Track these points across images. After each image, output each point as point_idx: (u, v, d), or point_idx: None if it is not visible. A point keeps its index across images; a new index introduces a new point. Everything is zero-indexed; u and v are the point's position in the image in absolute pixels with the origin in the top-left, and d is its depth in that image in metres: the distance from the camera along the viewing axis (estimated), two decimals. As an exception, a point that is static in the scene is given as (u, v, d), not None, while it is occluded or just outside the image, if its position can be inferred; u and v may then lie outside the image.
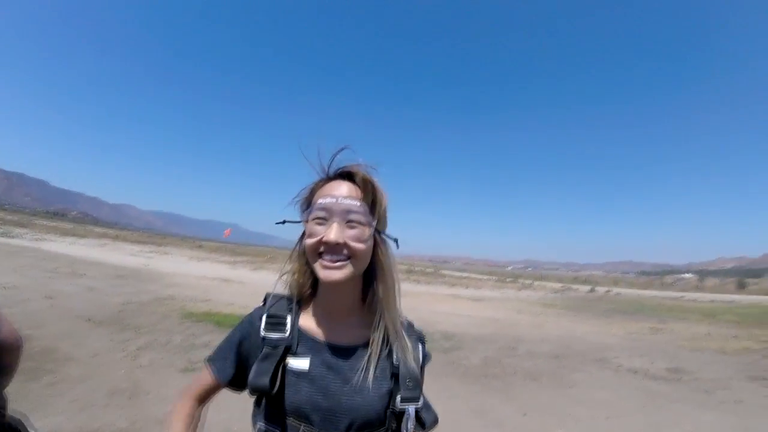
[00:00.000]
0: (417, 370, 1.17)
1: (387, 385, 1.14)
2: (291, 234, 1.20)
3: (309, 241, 1.10)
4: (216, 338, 7.66)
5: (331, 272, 1.07)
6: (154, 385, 5.34)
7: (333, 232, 1.06)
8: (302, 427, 1.08)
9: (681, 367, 8.86)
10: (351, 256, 1.08)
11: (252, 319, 1.20)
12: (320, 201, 1.11)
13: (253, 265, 32.15)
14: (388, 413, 1.12)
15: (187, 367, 6.14)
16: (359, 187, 1.13)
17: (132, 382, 5.35)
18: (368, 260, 1.15)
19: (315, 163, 1.19)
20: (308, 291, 1.25)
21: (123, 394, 4.99)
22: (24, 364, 4.75)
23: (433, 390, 5.41)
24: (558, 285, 48.36)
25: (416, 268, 62.36)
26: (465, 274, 64.28)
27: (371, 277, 1.20)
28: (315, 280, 1.21)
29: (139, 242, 48.12)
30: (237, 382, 1.19)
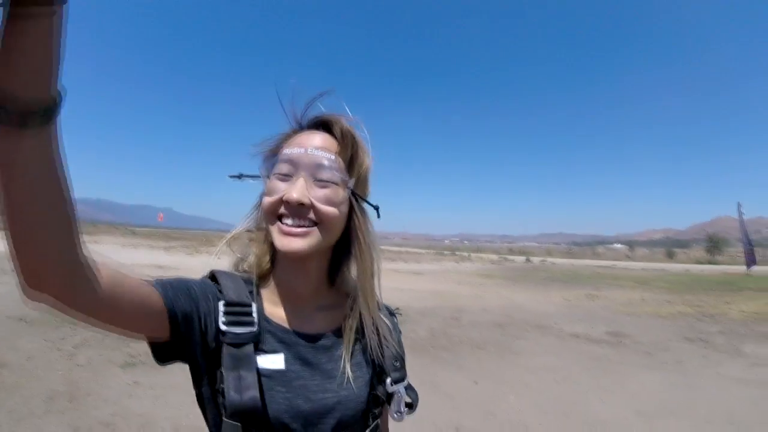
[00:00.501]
0: (399, 348, 1.04)
1: (369, 371, 0.98)
2: (229, 216, 0.99)
3: (267, 200, 0.89)
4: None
5: (290, 240, 0.85)
6: (95, 385, 5.09)
7: (297, 190, 0.84)
8: None
9: (620, 331, 9.30)
10: (318, 221, 0.87)
11: (207, 292, 0.89)
12: (286, 151, 0.90)
13: (189, 250, 31.16)
14: (370, 399, 0.96)
15: (127, 361, 5.90)
16: (337, 139, 0.93)
17: (71, 384, 5.07)
18: (340, 228, 0.94)
19: (288, 111, 0.97)
20: (267, 266, 0.99)
21: (62, 397, 4.71)
22: (-47, 375, 4.36)
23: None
24: (495, 256, 49.33)
25: (355, 244, 63.57)
26: (404, 249, 64.69)
27: (341, 249, 1.00)
28: (275, 252, 0.97)
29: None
30: (173, 321, 0.80)
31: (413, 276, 21.16)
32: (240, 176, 0.97)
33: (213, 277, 0.94)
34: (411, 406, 1.04)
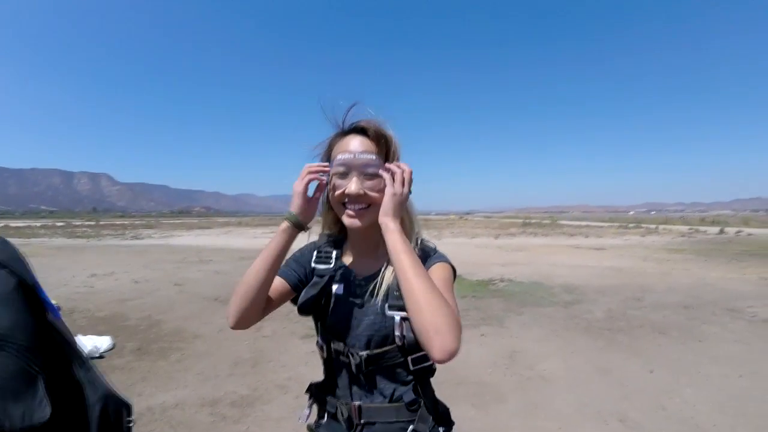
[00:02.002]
0: None
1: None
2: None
3: (335, 194, 1.28)
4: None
5: (354, 220, 1.27)
6: (276, 353, 5.65)
7: (353, 185, 1.23)
8: (333, 343, 1.33)
9: (823, 320, 7.80)
10: (370, 203, 1.26)
11: (307, 249, 1.46)
12: (339, 157, 1.25)
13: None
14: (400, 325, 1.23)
15: (308, 333, 6.39)
16: (372, 140, 1.28)
17: (255, 352, 5.68)
18: None
19: (330, 118, 1.34)
20: (342, 232, 1.48)
21: (246, 363, 5.30)
22: (154, 345, 5.24)
23: (554, 346, 5.19)
24: (685, 228, 43.93)
25: (532, 221, 60.70)
26: (584, 223, 60.73)
27: None
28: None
29: (260, 225, 51.07)
30: (294, 286, 1.39)
31: (594, 252, 19.88)
32: (328, 182, 1.35)
33: (321, 237, 1.48)
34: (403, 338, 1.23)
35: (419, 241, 1.39)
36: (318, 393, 1.43)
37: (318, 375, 1.44)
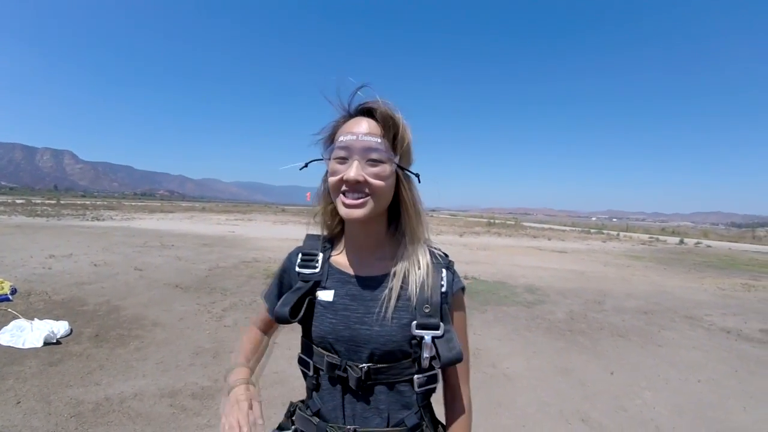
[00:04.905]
0: (437, 297, 1.15)
1: (409, 315, 1.14)
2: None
3: (331, 180, 1.13)
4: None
5: (351, 210, 1.09)
6: (238, 344, 5.49)
7: (353, 170, 1.07)
8: (326, 356, 1.15)
9: (776, 329, 8.10)
10: (371, 193, 1.10)
11: (290, 256, 1.32)
12: (341, 139, 1.12)
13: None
14: (412, 344, 1.13)
15: (270, 324, 6.31)
16: (380, 123, 1.13)
17: (216, 342, 5.55)
18: (390, 196, 1.16)
19: (335, 101, 1.19)
20: (338, 228, 1.32)
21: (207, 354, 5.17)
22: (113, 332, 5.06)
23: (516, 345, 5.20)
24: (645, 236, 44.90)
25: (497, 221, 61.60)
26: (547, 226, 62.00)
27: (396, 210, 1.23)
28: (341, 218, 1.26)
29: (224, 212, 50.46)
30: None
31: (556, 254, 20.29)
32: (306, 165, 1.21)
33: (306, 238, 1.34)
34: (439, 358, 1.10)
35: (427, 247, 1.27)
36: (304, 415, 1.23)
37: (280, 367, 1.34)
